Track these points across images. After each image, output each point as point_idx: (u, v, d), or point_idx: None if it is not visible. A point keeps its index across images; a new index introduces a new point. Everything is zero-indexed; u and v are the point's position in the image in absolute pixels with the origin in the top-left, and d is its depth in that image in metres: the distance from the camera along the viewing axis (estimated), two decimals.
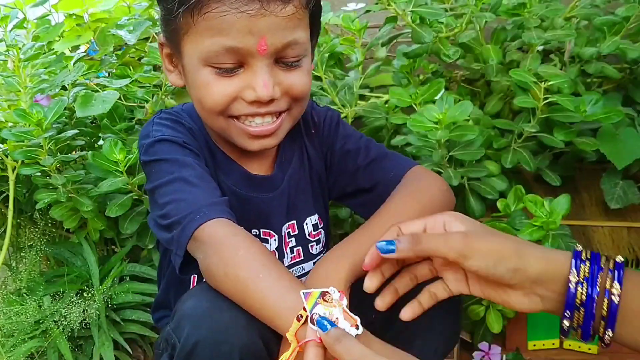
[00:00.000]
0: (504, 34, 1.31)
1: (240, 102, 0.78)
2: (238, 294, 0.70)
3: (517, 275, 0.63)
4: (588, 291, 0.61)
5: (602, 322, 0.61)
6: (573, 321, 0.63)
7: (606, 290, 0.60)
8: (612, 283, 0.60)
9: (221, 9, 0.72)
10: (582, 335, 0.63)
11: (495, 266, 0.63)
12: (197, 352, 0.70)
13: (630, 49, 1.21)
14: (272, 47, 0.75)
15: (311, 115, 0.96)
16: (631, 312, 0.60)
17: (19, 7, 1.41)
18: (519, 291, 0.65)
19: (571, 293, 0.62)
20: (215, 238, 0.73)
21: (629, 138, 1.17)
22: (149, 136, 0.84)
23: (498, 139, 1.20)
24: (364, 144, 0.95)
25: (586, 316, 0.62)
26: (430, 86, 1.19)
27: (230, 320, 0.70)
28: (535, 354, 1.30)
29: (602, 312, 0.61)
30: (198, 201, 0.77)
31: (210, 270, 0.73)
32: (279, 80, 0.78)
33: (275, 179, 0.91)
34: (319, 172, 0.96)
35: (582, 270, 0.62)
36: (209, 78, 0.77)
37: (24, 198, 1.38)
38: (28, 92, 1.27)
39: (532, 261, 0.63)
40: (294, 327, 0.65)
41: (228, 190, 0.88)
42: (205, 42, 0.75)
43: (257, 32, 0.73)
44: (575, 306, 0.62)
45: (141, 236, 1.30)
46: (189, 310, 0.72)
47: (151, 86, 1.31)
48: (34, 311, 1.23)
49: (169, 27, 0.79)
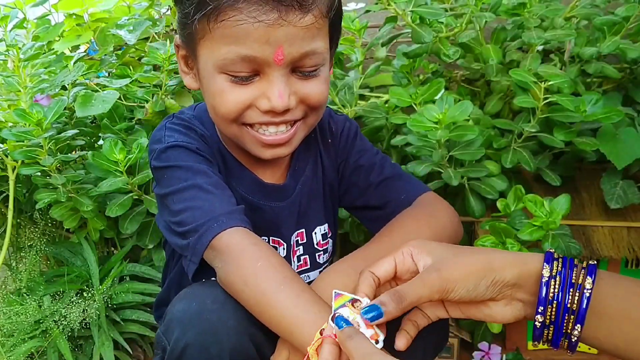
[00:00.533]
0: (504, 34, 1.31)
1: (255, 110, 0.77)
2: (257, 305, 0.70)
3: (497, 288, 0.63)
4: (561, 284, 0.61)
5: (572, 317, 0.61)
6: (546, 317, 0.62)
7: (579, 284, 0.60)
8: (585, 278, 0.60)
9: (238, 17, 0.70)
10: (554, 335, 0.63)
11: (475, 288, 0.63)
12: (186, 354, 0.70)
13: (630, 49, 1.21)
14: (289, 57, 0.73)
15: (329, 123, 0.95)
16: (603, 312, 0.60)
17: (19, 6, 1.41)
18: (500, 302, 0.65)
19: (544, 287, 0.61)
20: (234, 247, 0.73)
21: (628, 138, 1.17)
22: (162, 141, 0.83)
23: (498, 139, 1.20)
24: (379, 161, 0.94)
25: (559, 310, 0.61)
26: (430, 86, 1.19)
27: (220, 323, 0.70)
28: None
29: (574, 306, 0.60)
30: (215, 209, 0.76)
31: (228, 279, 0.72)
32: (295, 90, 0.76)
33: (287, 188, 0.90)
34: (332, 181, 0.95)
35: (555, 266, 0.62)
36: (223, 85, 0.76)
37: (24, 198, 1.38)
38: (28, 92, 1.27)
39: (506, 269, 0.64)
40: (315, 341, 0.64)
41: (239, 198, 0.87)
42: (221, 50, 0.73)
43: (274, 42, 0.71)
44: (548, 300, 0.61)
45: (141, 236, 1.30)
46: (179, 313, 0.72)
47: (151, 86, 1.31)
48: (34, 311, 1.23)
49: (185, 30, 0.78)
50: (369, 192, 0.93)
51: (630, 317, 0.59)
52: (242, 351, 0.71)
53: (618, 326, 0.59)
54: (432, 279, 0.64)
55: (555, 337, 0.62)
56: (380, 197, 0.92)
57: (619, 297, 0.60)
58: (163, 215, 0.84)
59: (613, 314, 0.60)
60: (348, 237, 1.34)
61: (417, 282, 0.64)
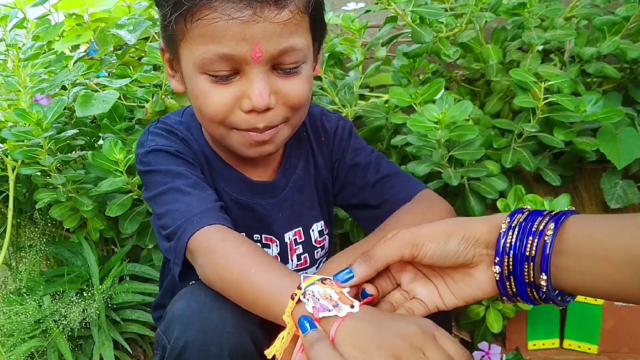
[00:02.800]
0: (504, 34, 1.31)
1: (239, 113, 0.77)
2: (234, 293, 0.70)
3: (469, 246, 0.62)
4: (519, 234, 0.59)
5: (532, 265, 0.58)
6: (504, 268, 0.60)
7: (540, 232, 0.58)
8: (548, 225, 0.57)
9: (212, 15, 0.70)
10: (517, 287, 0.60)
11: (446, 243, 0.62)
12: (186, 353, 0.70)
13: (630, 49, 1.21)
14: (267, 54, 0.73)
15: (322, 121, 0.95)
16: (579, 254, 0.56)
17: (19, 6, 1.41)
18: (480, 265, 0.63)
19: (501, 238, 0.60)
20: (206, 246, 0.74)
21: (628, 138, 1.17)
22: (144, 146, 0.85)
23: (498, 139, 1.20)
24: (375, 160, 0.94)
25: (515, 260, 0.59)
26: (430, 86, 1.19)
27: (219, 321, 0.71)
28: (535, 353, 1.30)
29: (533, 253, 0.57)
30: (191, 210, 0.77)
31: (207, 278, 0.73)
32: (276, 88, 0.76)
33: (277, 185, 0.91)
34: (325, 180, 0.95)
35: (517, 217, 0.60)
36: (205, 86, 0.76)
37: (24, 198, 1.38)
38: (28, 92, 1.27)
39: (476, 226, 0.62)
40: (290, 306, 0.64)
41: (228, 197, 0.88)
42: (199, 50, 0.73)
43: (250, 39, 0.71)
44: (505, 250, 0.59)
45: (141, 236, 1.30)
46: (178, 311, 0.72)
47: (151, 86, 1.31)
48: (34, 311, 1.23)
49: (165, 32, 0.78)
50: (366, 190, 0.93)
51: (608, 259, 0.55)
52: (241, 349, 0.71)
53: (600, 270, 0.56)
54: (401, 234, 0.64)
55: (518, 288, 0.60)
56: (377, 196, 0.92)
57: (593, 238, 0.56)
58: (153, 218, 0.85)
59: (590, 257, 0.56)
60: (348, 237, 1.34)
61: (386, 240, 0.65)
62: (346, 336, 0.59)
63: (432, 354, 0.56)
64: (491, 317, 1.22)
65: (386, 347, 0.56)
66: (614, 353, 1.27)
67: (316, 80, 1.34)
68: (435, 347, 0.57)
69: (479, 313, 1.23)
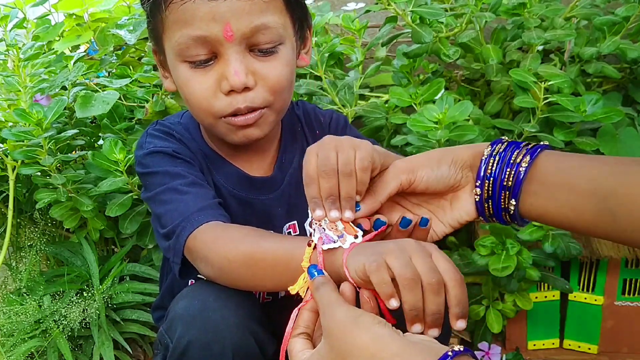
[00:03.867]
0: (504, 34, 1.31)
1: (221, 97, 0.77)
2: (245, 269, 0.70)
3: (457, 168, 0.66)
4: (499, 162, 0.63)
5: (507, 193, 0.62)
6: (484, 192, 0.64)
7: (517, 163, 0.62)
8: (524, 158, 0.62)
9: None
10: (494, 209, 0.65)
11: (438, 168, 0.66)
12: (189, 352, 0.70)
13: (630, 49, 1.21)
14: (239, 33, 0.73)
15: (315, 115, 0.96)
16: (546, 183, 0.61)
17: (19, 6, 1.41)
18: (466, 188, 0.67)
19: (483, 164, 0.64)
20: (209, 240, 0.74)
21: (628, 138, 1.17)
22: (142, 148, 0.86)
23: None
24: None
25: (494, 186, 0.63)
26: (430, 86, 1.19)
27: (222, 320, 0.71)
28: (535, 353, 1.30)
29: (509, 183, 0.62)
30: (189, 208, 0.77)
31: (214, 266, 0.73)
32: (254, 69, 0.77)
33: (274, 180, 0.91)
34: None
35: (497, 147, 0.65)
36: (186, 74, 0.77)
37: (24, 198, 1.38)
38: (28, 92, 1.27)
39: (462, 151, 0.67)
40: (307, 253, 0.64)
41: (228, 194, 0.88)
42: (175, 36, 0.75)
43: (220, 18, 0.72)
44: (486, 176, 0.64)
45: (141, 236, 1.30)
46: (181, 310, 0.73)
47: (151, 86, 1.31)
48: (34, 311, 1.23)
49: (149, 28, 0.81)
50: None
51: (574, 188, 0.59)
52: (244, 348, 0.71)
53: (564, 197, 0.60)
54: (396, 164, 0.68)
55: (495, 211, 0.65)
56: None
57: (562, 170, 0.61)
58: (153, 219, 0.86)
59: (556, 185, 0.61)
60: None
61: (383, 173, 0.68)
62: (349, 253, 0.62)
63: (417, 259, 0.58)
64: (491, 317, 1.22)
65: (378, 249, 0.60)
66: (613, 353, 1.27)
67: (316, 80, 1.34)
68: (423, 256, 0.59)
69: (479, 313, 1.23)
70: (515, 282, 1.17)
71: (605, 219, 0.57)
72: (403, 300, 0.57)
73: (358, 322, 0.55)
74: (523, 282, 1.19)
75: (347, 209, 0.64)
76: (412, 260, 0.58)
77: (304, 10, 0.83)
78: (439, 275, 0.57)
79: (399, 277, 0.56)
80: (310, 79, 1.35)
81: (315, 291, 0.61)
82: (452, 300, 0.58)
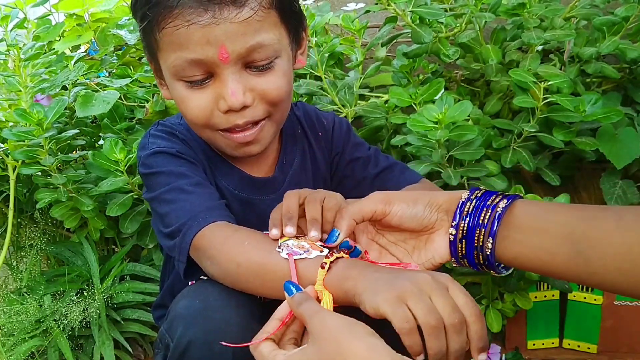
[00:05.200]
0: (503, 34, 1.31)
1: (219, 115, 0.78)
2: (255, 276, 0.70)
3: (433, 210, 0.69)
4: (476, 206, 0.66)
5: (483, 231, 0.64)
6: (458, 231, 0.66)
7: (493, 205, 0.64)
8: (501, 200, 0.65)
9: (174, 23, 0.72)
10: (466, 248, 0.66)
11: (414, 205, 0.69)
12: (189, 352, 0.70)
13: (630, 49, 1.21)
14: (235, 54, 0.73)
15: (317, 117, 0.96)
16: (519, 226, 0.63)
17: (20, 6, 1.41)
18: (440, 231, 0.70)
19: (459, 207, 0.67)
20: (217, 240, 0.74)
21: (628, 138, 1.17)
22: (146, 148, 0.86)
23: (497, 139, 1.20)
24: (373, 154, 0.96)
25: (469, 225, 0.65)
26: (430, 86, 1.19)
27: (223, 320, 0.71)
28: (535, 353, 1.30)
29: (485, 221, 0.64)
30: (195, 207, 0.77)
31: (220, 268, 0.73)
32: (251, 86, 0.77)
33: (276, 181, 0.91)
34: (324, 174, 0.96)
35: (475, 193, 0.67)
36: (182, 92, 0.78)
37: (24, 197, 1.38)
38: (29, 92, 1.27)
39: (439, 196, 0.70)
40: (320, 276, 0.65)
41: (230, 195, 0.88)
42: (170, 57, 0.75)
43: (214, 41, 0.72)
44: (462, 217, 0.66)
45: (141, 235, 1.30)
46: (182, 310, 0.73)
47: (151, 86, 1.32)
48: (34, 310, 1.24)
49: (144, 44, 0.81)
50: (365, 183, 0.94)
51: (547, 232, 0.61)
52: (245, 348, 0.71)
53: (538, 240, 0.62)
54: (376, 193, 0.72)
55: (468, 251, 0.67)
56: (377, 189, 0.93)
57: (536, 215, 0.63)
58: (154, 219, 0.86)
59: (531, 229, 0.63)
60: None
61: (360, 200, 0.72)
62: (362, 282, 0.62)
63: (437, 299, 0.59)
64: (491, 316, 1.22)
65: (395, 287, 0.59)
66: (613, 352, 1.27)
67: (316, 80, 1.34)
68: (442, 294, 0.59)
69: None
70: (514, 282, 1.18)
71: (578, 261, 0.59)
72: (428, 347, 0.57)
73: (352, 329, 0.56)
74: (522, 282, 1.20)
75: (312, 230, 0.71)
76: (432, 300, 0.58)
77: (298, 17, 0.82)
78: (461, 315, 0.58)
79: (423, 324, 0.57)
80: (310, 79, 1.35)
81: (297, 306, 0.62)
82: (473, 335, 0.59)
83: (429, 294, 0.59)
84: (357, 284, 0.62)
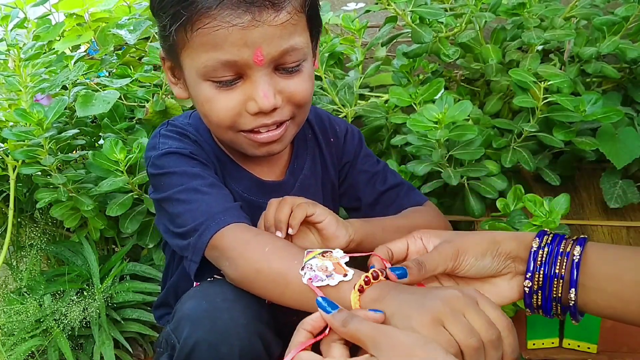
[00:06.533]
0: (503, 34, 1.31)
1: (246, 115, 0.77)
2: (276, 286, 0.70)
3: (501, 259, 0.68)
4: (549, 253, 0.65)
5: (562, 282, 0.64)
6: (534, 282, 0.65)
7: (567, 252, 0.64)
8: (574, 247, 0.64)
9: (212, 24, 0.71)
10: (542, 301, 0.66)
11: (482, 258, 0.68)
12: (196, 352, 0.70)
13: (630, 49, 1.21)
14: (269, 57, 0.73)
15: (330, 123, 0.96)
16: (593, 276, 0.63)
17: (20, 6, 1.41)
18: (506, 276, 0.69)
19: (532, 256, 0.66)
20: (238, 242, 0.73)
21: (628, 138, 1.17)
22: (156, 148, 0.85)
23: (497, 139, 1.20)
24: (382, 169, 0.97)
25: (545, 276, 0.64)
26: (430, 86, 1.19)
27: (230, 321, 0.71)
28: (535, 353, 1.30)
29: (563, 271, 0.64)
30: (212, 208, 0.77)
31: (239, 272, 0.73)
32: (280, 88, 0.77)
33: (286, 185, 0.91)
34: (332, 179, 0.96)
35: (545, 239, 0.66)
36: (210, 93, 0.76)
37: (24, 197, 1.38)
38: (29, 92, 1.27)
39: (507, 241, 0.68)
40: (354, 299, 0.65)
41: (239, 198, 0.88)
42: (201, 58, 0.74)
43: (251, 43, 0.72)
44: (536, 267, 0.65)
45: (141, 235, 1.30)
46: (189, 311, 0.72)
47: (152, 86, 1.32)
48: (34, 310, 1.24)
49: (166, 43, 0.79)
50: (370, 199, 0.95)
51: (621, 279, 0.62)
52: (251, 350, 0.71)
53: (611, 288, 0.62)
54: (446, 248, 0.69)
55: (544, 302, 0.66)
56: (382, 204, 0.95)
57: (608, 261, 0.63)
58: (162, 219, 0.85)
59: (604, 277, 0.63)
60: None
61: (433, 252, 0.70)
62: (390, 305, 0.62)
63: (472, 316, 0.59)
64: None
65: (427, 310, 0.59)
66: (613, 352, 1.27)
67: (316, 80, 1.34)
68: (475, 311, 0.59)
69: None
70: None
71: None
72: None
73: (427, 348, 0.55)
74: None
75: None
76: (467, 318, 0.58)
77: (320, 21, 0.83)
78: (497, 330, 0.59)
79: (465, 347, 0.57)
80: None
81: (344, 325, 0.60)
82: (507, 349, 0.59)
83: (462, 311, 0.59)
84: (385, 307, 0.62)
